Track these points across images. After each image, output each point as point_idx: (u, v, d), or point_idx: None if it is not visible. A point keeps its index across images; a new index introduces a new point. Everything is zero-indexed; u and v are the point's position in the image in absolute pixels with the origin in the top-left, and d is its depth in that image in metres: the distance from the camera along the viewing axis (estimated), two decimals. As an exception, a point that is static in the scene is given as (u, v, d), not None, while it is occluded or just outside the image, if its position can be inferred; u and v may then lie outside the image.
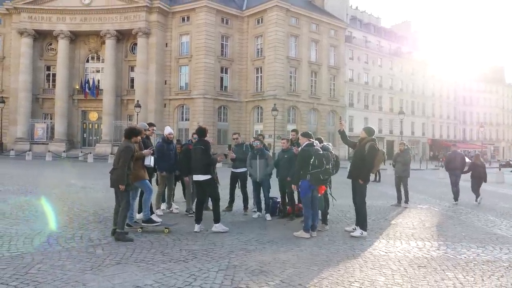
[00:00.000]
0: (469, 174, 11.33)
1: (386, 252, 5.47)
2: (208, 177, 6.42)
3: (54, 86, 39.47)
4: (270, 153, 8.67)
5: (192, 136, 8.26)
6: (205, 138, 6.64)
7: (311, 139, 6.69)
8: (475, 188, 11.09)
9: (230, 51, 39.96)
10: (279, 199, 8.30)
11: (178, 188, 8.77)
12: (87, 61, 41.34)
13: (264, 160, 8.02)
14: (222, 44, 39.55)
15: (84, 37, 40.01)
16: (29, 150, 34.02)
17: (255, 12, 39.58)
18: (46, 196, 9.89)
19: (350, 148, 8.06)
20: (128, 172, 5.80)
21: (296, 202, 8.08)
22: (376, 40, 49.57)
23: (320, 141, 7.40)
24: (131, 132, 6.03)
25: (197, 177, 6.51)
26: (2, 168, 19.31)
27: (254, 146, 8.20)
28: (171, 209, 8.38)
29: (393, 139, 47.52)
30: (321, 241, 6.05)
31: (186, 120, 39.23)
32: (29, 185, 12.22)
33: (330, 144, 8.01)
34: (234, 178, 8.55)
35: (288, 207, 8.10)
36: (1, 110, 36.43)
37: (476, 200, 10.90)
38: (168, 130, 8.30)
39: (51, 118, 39.77)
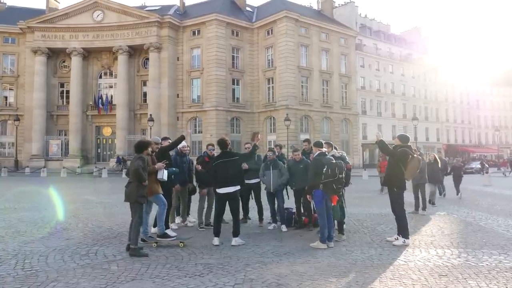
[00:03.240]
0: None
1: (405, 261, 5.29)
2: (238, 187, 6.46)
3: (68, 102, 40.29)
4: (286, 163, 8.58)
5: (207, 147, 8.21)
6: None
7: (323, 149, 6.60)
8: (457, 186, 14.08)
9: (241, 62, 40.26)
10: (294, 210, 8.18)
11: (194, 201, 8.71)
12: (100, 77, 42.14)
13: (278, 170, 7.92)
14: (233, 56, 39.89)
15: (97, 54, 40.87)
16: (44, 167, 34.57)
17: (265, 23, 39.91)
18: (61, 212, 9.96)
19: (364, 156, 7.90)
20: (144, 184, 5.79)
21: (313, 212, 7.95)
22: (386, 47, 49.36)
23: (330, 146, 7.31)
24: (141, 146, 6.04)
25: (227, 189, 6.37)
26: (17, 186, 19.56)
27: (268, 157, 8.13)
28: (185, 222, 8.30)
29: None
30: (338, 251, 5.90)
31: (199, 132, 39.45)
32: (44, 202, 12.32)
33: (344, 152, 7.91)
34: (248, 189, 8.40)
35: (304, 217, 7.96)
36: (16, 127, 37.28)
37: (457, 195, 13.06)
38: (182, 143, 8.23)
39: (65, 135, 40.47)
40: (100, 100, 40.12)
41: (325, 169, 6.14)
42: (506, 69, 67.08)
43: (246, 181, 8.31)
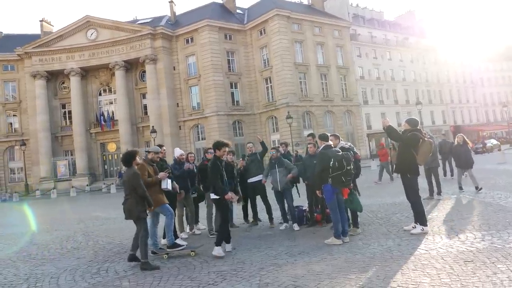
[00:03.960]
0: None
1: (426, 250, 5.07)
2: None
3: (71, 123, 40.44)
4: (292, 160, 8.44)
5: (206, 152, 8.10)
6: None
7: (329, 142, 6.42)
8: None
9: (237, 65, 40.13)
10: (305, 207, 8.02)
11: (202, 208, 8.56)
12: (100, 94, 42.25)
13: (283, 168, 7.81)
14: (228, 60, 39.76)
15: (94, 72, 40.98)
16: (54, 188, 34.72)
17: (257, 24, 39.75)
18: (73, 232, 9.87)
19: (370, 146, 7.67)
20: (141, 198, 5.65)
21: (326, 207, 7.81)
22: (381, 34, 48.93)
23: (337, 138, 7.13)
24: (128, 158, 5.77)
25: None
26: (26, 210, 19.56)
27: (271, 156, 8.02)
28: (193, 230, 8.15)
29: (413, 131, 46.27)
30: (355, 246, 5.71)
31: (202, 139, 39.35)
32: (55, 223, 12.27)
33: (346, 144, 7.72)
34: (252, 188, 8.32)
35: (316, 214, 7.78)
36: (23, 152, 37.49)
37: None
38: (178, 152, 8.18)
39: (71, 154, 40.63)
40: (102, 117, 40.23)
41: (331, 162, 5.97)
42: (507, 44, 66.18)
43: (249, 181, 8.29)
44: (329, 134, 6.79)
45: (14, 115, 41.84)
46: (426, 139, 6.30)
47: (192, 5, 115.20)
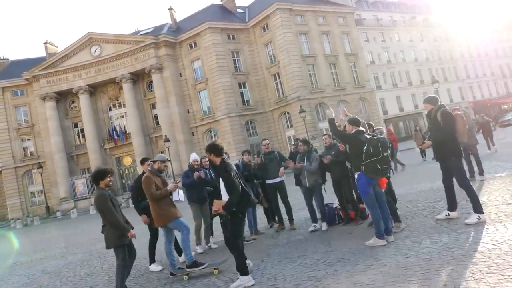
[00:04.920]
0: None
1: (494, 244, 4.18)
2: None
3: (84, 141, 40.47)
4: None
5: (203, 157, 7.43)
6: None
7: (360, 127, 5.62)
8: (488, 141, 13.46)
9: (243, 65, 39.42)
10: (335, 205, 7.25)
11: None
12: (110, 109, 42.15)
13: (309, 163, 7.14)
14: (234, 60, 39.09)
15: (102, 87, 40.90)
16: (74, 208, 34.67)
17: (259, 20, 38.95)
18: (88, 254, 9.31)
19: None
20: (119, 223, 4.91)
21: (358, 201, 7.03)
22: (387, 16, 47.45)
23: (370, 126, 6.33)
24: (96, 177, 4.99)
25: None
26: (46, 233, 19.30)
27: (299, 149, 7.38)
28: (209, 244, 7.39)
29: (431, 112, 44.80)
30: (403, 246, 4.86)
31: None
32: (71, 246, 11.78)
33: (383, 129, 6.87)
34: (273, 190, 7.64)
35: (349, 211, 6.99)
36: (41, 175, 37.62)
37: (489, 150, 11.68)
38: (193, 157, 7.42)
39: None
40: (114, 131, 40.09)
41: (365, 147, 5.22)
42: (519, 10, 63.33)
43: (268, 182, 7.61)
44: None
45: (28, 139, 42.13)
46: (455, 113, 5.75)
47: (192, 10, 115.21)
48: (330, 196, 7.37)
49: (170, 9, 41.86)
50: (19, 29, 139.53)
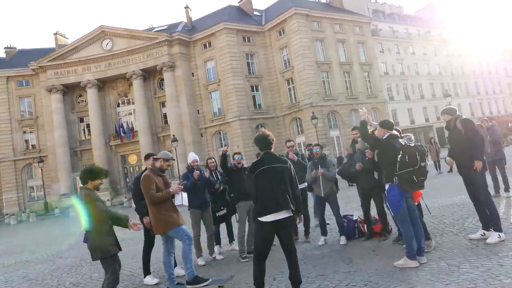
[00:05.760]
0: None
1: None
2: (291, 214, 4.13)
3: (90, 136, 39.43)
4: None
5: (233, 157, 6.66)
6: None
7: (393, 131, 4.95)
8: None
9: (257, 68, 38.89)
10: (355, 217, 6.54)
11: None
12: (118, 105, 41.25)
13: (326, 169, 6.47)
14: (248, 63, 38.55)
15: (112, 82, 40.03)
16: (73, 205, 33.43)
17: (275, 24, 38.56)
18: (79, 259, 8.38)
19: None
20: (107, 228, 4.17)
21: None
22: (403, 28, 47.59)
23: (398, 132, 5.71)
24: (88, 175, 4.26)
25: (279, 215, 4.01)
26: (40, 231, 18.04)
27: (314, 153, 6.68)
28: (213, 255, 6.56)
29: (442, 125, 44.55)
30: (438, 270, 4.15)
31: (225, 145, 37.89)
32: (65, 248, 10.66)
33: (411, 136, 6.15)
34: None
35: (373, 225, 6.34)
36: (41, 169, 36.41)
37: None
38: (192, 156, 6.65)
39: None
40: (121, 128, 39.17)
41: (400, 155, 4.54)
42: (529, 31, 64.15)
43: None
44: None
45: (30, 132, 40.97)
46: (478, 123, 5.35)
47: (208, 10, 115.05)
48: (349, 207, 6.65)
49: (186, 7, 41.33)
50: (30, 17, 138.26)
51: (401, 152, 4.57)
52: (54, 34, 41.99)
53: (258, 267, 4.00)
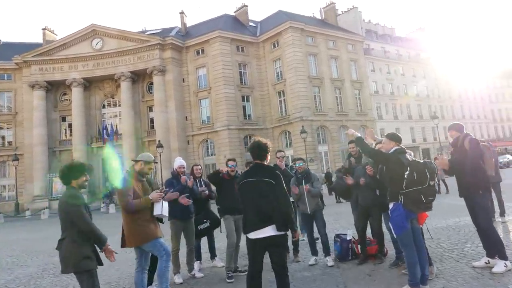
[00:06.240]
0: None
1: None
2: (282, 232, 3.74)
3: (71, 136, 37.94)
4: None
5: (227, 164, 6.11)
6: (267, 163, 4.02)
7: (401, 144, 4.56)
8: None
9: (249, 78, 38.54)
10: (349, 237, 6.07)
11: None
12: (103, 106, 40.00)
13: (311, 184, 6.07)
14: (240, 72, 38.18)
15: (98, 83, 38.86)
16: (47, 208, 31.90)
17: (270, 36, 38.46)
18: (42, 269, 7.55)
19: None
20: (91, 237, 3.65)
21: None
22: (394, 49, 48.41)
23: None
24: (70, 172, 3.77)
25: (264, 233, 3.70)
26: (5, 234, 16.70)
27: (297, 168, 6.22)
28: (192, 272, 5.94)
29: (428, 146, 45.63)
30: None
31: (211, 155, 37.26)
32: (26, 255, 9.75)
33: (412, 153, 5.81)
34: None
35: (368, 246, 5.91)
36: (15, 168, 34.60)
37: None
38: (179, 162, 6.10)
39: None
40: (105, 130, 37.86)
41: (407, 172, 4.14)
42: (513, 61, 66.61)
43: None
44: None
45: (8, 128, 39.12)
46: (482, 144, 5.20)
47: (203, 18, 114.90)
48: (341, 225, 6.25)
49: (182, 13, 40.84)
50: (19, 10, 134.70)
51: (408, 169, 4.15)
52: (43, 29, 40.58)
53: (250, 284, 3.72)
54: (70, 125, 38.51)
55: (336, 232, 6.44)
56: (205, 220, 6.08)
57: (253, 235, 3.68)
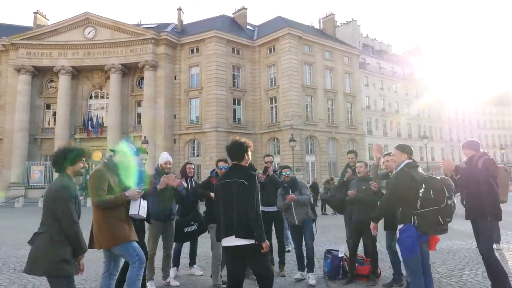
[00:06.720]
0: None
1: None
2: (251, 241, 3.39)
3: (54, 125, 36.79)
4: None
5: (217, 165, 5.57)
6: (246, 164, 3.69)
7: (412, 157, 4.12)
8: None
9: (242, 81, 38.06)
10: (341, 254, 5.58)
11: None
12: (91, 97, 38.98)
13: (298, 192, 5.60)
14: (233, 75, 37.68)
15: (87, 72, 37.86)
16: (22, 196, 30.70)
17: (267, 41, 38.11)
18: (1, 263, 6.94)
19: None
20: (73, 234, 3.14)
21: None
22: (389, 66, 48.65)
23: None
24: (66, 157, 3.25)
25: (233, 241, 3.41)
26: None
27: (283, 177, 5.72)
28: (167, 280, 5.41)
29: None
30: None
31: (197, 155, 36.52)
32: None
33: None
34: (268, 221, 5.59)
35: (357, 264, 5.50)
36: (-7, 152, 33.37)
37: None
38: (165, 157, 5.59)
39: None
40: (90, 122, 36.84)
41: (422, 190, 3.69)
42: (503, 89, 67.84)
43: (265, 209, 5.53)
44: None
45: (-11, 111, 37.71)
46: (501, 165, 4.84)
47: (201, 16, 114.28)
48: (316, 238, 5.79)
49: (179, 9, 40.27)
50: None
51: (423, 186, 3.69)
52: (34, 13, 39.45)
53: None
54: (54, 114, 37.36)
55: (323, 246, 5.87)
56: (192, 223, 5.55)
57: (227, 242, 3.39)
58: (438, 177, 3.80)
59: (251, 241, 3.31)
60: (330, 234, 10.19)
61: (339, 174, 37.33)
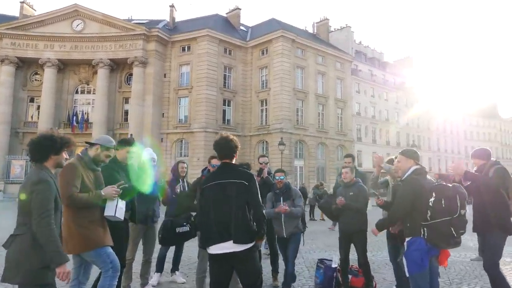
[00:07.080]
0: None
1: None
2: (248, 246, 3.10)
3: (38, 119, 35.63)
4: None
5: (209, 162, 5.18)
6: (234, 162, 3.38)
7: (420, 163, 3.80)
8: None
9: (233, 82, 37.55)
10: (335, 264, 5.13)
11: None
12: (77, 92, 37.94)
13: (291, 202, 5.07)
14: (225, 75, 37.16)
15: (74, 66, 36.84)
16: (1, 191, 29.54)
17: (260, 42, 37.74)
18: None
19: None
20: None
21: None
22: (381, 74, 48.86)
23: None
24: (47, 147, 2.88)
25: (226, 248, 3.09)
26: None
27: (276, 181, 5.20)
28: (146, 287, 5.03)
29: (402, 175, 45.61)
30: None
31: (185, 155, 35.77)
32: None
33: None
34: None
35: (352, 276, 5.16)
36: (-27, 145, 32.06)
37: None
38: (148, 153, 5.18)
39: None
40: (75, 117, 35.78)
41: (433, 199, 3.32)
42: (491, 102, 68.90)
43: None
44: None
45: (-30, 102, 36.29)
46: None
47: (193, 14, 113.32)
48: (308, 244, 5.51)
49: (171, 6, 39.55)
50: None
51: (434, 195, 3.30)
52: (21, 2, 38.16)
53: None
54: (38, 107, 36.22)
55: (313, 254, 5.39)
56: (185, 224, 4.97)
57: (215, 249, 3.09)
58: (450, 185, 3.40)
59: (248, 246, 3.05)
60: (319, 241, 9.91)
61: (327, 179, 37.15)
